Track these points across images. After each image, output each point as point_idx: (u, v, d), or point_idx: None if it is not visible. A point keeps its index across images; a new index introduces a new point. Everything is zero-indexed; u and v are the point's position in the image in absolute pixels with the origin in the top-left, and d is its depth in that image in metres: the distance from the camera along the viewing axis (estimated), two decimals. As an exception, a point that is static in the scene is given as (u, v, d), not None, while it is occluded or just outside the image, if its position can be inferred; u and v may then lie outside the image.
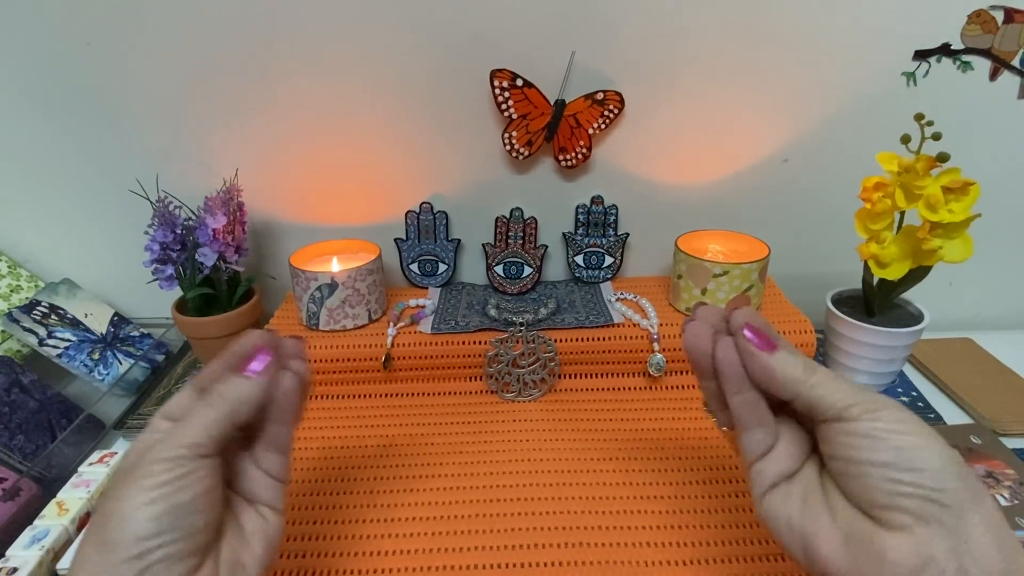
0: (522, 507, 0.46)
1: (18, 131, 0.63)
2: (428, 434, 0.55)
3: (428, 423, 0.56)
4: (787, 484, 0.31)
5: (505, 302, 0.65)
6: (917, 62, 0.60)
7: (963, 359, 0.65)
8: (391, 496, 0.47)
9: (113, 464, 0.51)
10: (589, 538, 0.43)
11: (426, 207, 0.66)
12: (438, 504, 0.46)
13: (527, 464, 0.50)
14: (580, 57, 0.59)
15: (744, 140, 0.64)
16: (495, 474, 0.49)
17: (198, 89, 0.61)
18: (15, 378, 0.56)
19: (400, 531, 0.44)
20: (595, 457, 0.51)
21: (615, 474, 0.49)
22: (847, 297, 0.63)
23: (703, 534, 0.43)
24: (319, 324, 0.60)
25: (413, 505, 0.46)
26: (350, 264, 0.59)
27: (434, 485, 0.48)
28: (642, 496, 0.46)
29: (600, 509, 0.45)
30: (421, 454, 0.52)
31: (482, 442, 0.53)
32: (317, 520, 0.45)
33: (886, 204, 0.52)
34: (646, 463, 0.50)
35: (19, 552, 0.42)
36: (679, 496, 0.46)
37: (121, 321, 0.69)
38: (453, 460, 0.51)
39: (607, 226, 0.67)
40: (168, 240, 0.58)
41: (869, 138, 0.58)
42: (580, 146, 0.63)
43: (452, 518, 0.45)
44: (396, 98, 0.62)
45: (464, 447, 0.53)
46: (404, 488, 0.48)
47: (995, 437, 0.53)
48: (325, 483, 0.49)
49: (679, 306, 0.62)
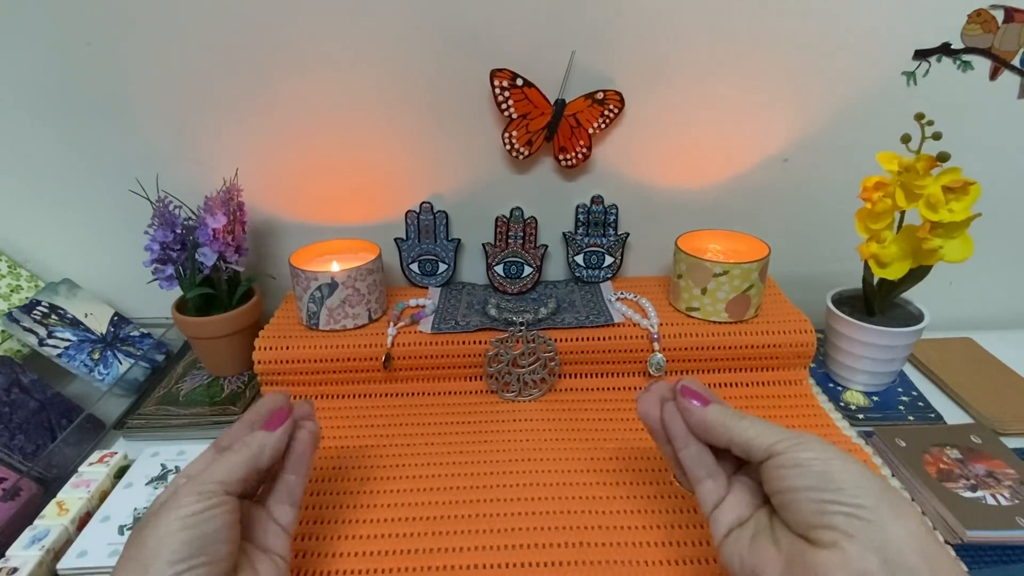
0: (522, 507, 0.46)
1: (18, 131, 0.63)
2: (428, 434, 0.55)
3: (428, 423, 0.56)
4: (740, 529, 0.34)
5: (505, 302, 0.65)
6: (917, 62, 0.60)
7: (963, 359, 0.65)
8: (391, 496, 0.47)
9: (113, 463, 0.51)
10: (589, 538, 0.43)
11: (426, 207, 0.66)
12: (438, 504, 0.46)
13: (527, 464, 0.50)
14: (580, 57, 0.59)
15: (744, 140, 0.64)
16: (495, 474, 0.49)
17: (198, 89, 0.61)
18: (15, 378, 0.56)
19: (400, 531, 0.44)
20: (595, 457, 0.51)
21: (615, 474, 0.49)
22: (847, 297, 0.63)
23: (703, 534, 0.43)
24: (319, 324, 0.60)
25: (413, 505, 0.46)
26: (350, 264, 0.59)
27: (434, 485, 0.48)
28: (642, 496, 0.46)
29: (600, 509, 0.45)
30: (421, 454, 0.52)
31: (482, 442, 0.53)
32: (317, 520, 0.45)
33: (886, 204, 0.52)
34: (646, 463, 0.50)
35: (19, 552, 0.42)
36: (679, 496, 0.46)
37: (121, 321, 0.69)
38: (453, 460, 0.51)
39: (607, 226, 0.67)
40: (168, 240, 0.58)
41: (869, 138, 0.58)
42: (580, 146, 0.63)
43: (452, 518, 0.45)
44: (396, 98, 0.62)
45: (464, 447, 0.53)
46: (404, 488, 0.48)
47: (995, 437, 0.53)
48: (325, 483, 0.49)
49: (679, 306, 0.62)
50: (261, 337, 0.59)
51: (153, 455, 0.52)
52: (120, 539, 0.44)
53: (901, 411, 0.58)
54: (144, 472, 0.50)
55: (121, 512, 0.46)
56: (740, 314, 0.60)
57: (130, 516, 0.46)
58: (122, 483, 0.49)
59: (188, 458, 0.52)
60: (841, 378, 0.62)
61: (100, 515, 0.46)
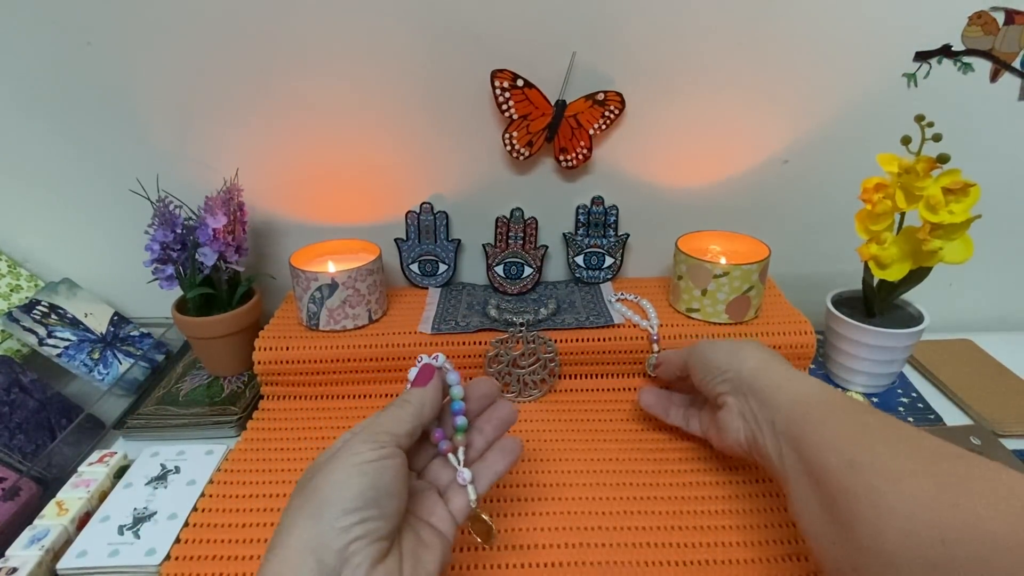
0: (522, 507, 0.46)
1: (18, 130, 0.63)
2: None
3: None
4: (708, 422, 0.49)
5: (505, 302, 0.65)
6: (918, 63, 0.60)
7: (963, 360, 0.65)
8: (391, 496, 0.47)
9: (113, 463, 0.51)
10: (589, 538, 0.43)
11: (426, 207, 0.66)
12: (438, 504, 0.46)
13: (527, 464, 0.50)
14: (581, 57, 0.59)
15: (745, 141, 0.64)
16: (495, 474, 0.49)
17: (199, 89, 0.61)
18: (15, 378, 0.56)
19: (400, 531, 0.44)
20: (595, 457, 0.51)
21: (615, 474, 0.49)
22: (847, 298, 0.63)
23: (703, 534, 0.43)
24: (319, 324, 0.60)
25: (413, 505, 0.46)
26: (350, 264, 0.59)
27: (434, 485, 0.48)
28: (642, 496, 0.47)
29: (600, 509, 0.45)
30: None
31: (482, 442, 0.53)
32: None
33: (886, 205, 0.52)
34: (646, 463, 0.50)
35: (19, 552, 0.42)
36: (679, 496, 0.46)
37: (121, 321, 0.69)
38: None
39: (607, 227, 0.67)
40: (168, 240, 0.58)
41: (869, 139, 0.58)
42: (581, 146, 0.63)
43: (452, 518, 0.45)
44: (397, 98, 0.62)
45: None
46: (404, 488, 0.48)
47: (995, 438, 0.53)
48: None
49: (679, 307, 0.62)
50: (261, 337, 0.59)
51: (153, 455, 0.52)
52: (120, 539, 0.44)
53: (901, 412, 0.58)
54: (144, 472, 0.50)
55: (121, 512, 0.46)
56: (740, 315, 0.60)
57: (130, 516, 0.46)
58: (122, 483, 0.49)
59: (188, 458, 0.52)
60: (841, 379, 0.62)
61: (100, 515, 0.46)
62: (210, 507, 0.47)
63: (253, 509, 0.47)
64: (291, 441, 0.54)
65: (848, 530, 0.32)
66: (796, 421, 0.38)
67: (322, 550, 0.29)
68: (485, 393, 0.41)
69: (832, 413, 0.37)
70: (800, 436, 0.37)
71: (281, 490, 0.48)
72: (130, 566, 0.42)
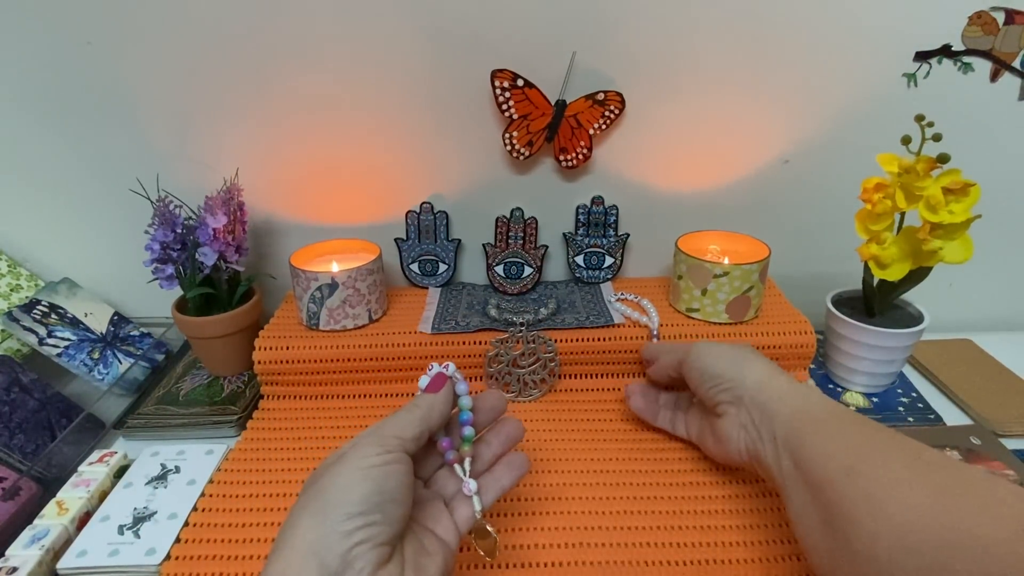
0: (522, 507, 0.46)
1: (18, 130, 0.63)
2: (428, 434, 0.55)
3: (428, 423, 0.56)
4: (699, 427, 0.50)
5: (505, 302, 0.65)
6: (918, 63, 0.60)
7: (963, 360, 0.65)
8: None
9: (113, 463, 0.51)
10: (589, 538, 0.43)
11: (426, 207, 0.66)
12: (438, 504, 0.46)
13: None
14: (581, 57, 0.59)
15: (745, 141, 0.64)
16: (495, 474, 0.49)
17: (199, 88, 0.61)
18: (15, 377, 0.56)
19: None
20: (595, 457, 0.51)
21: (615, 474, 0.49)
22: (847, 298, 0.63)
23: (703, 534, 0.43)
24: (319, 324, 0.60)
25: (413, 505, 0.46)
26: (350, 264, 0.59)
27: (434, 485, 0.48)
28: (642, 496, 0.47)
29: (600, 509, 0.45)
30: (421, 454, 0.52)
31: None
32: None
33: (886, 205, 0.52)
34: (646, 463, 0.50)
35: (19, 551, 0.42)
36: (679, 496, 0.46)
37: (121, 320, 0.69)
38: (453, 460, 0.51)
39: (607, 226, 0.67)
40: (168, 240, 0.58)
41: (870, 139, 0.58)
42: (581, 146, 0.63)
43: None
44: (397, 98, 0.62)
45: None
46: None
47: (995, 438, 0.53)
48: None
49: (679, 307, 0.62)
50: (261, 337, 0.59)
51: (153, 455, 0.52)
52: (120, 539, 0.44)
53: (901, 412, 0.58)
54: (144, 472, 0.50)
55: (121, 512, 0.46)
56: (740, 315, 0.60)
57: (130, 516, 0.46)
58: (122, 483, 0.49)
59: (188, 458, 0.52)
60: (841, 379, 0.62)
61: (100, 515, 0.46)
62: (210, 507, 0.47)
63: (253, 509, 0.47)
64: (291, 441, 0.54)
65: (845, 538, 0.32)
66: (796, 431, 0.38)
67: (325, 553, 0.29)
68: (493, 406, 0.41)
69: (831, 424, 0.38)
70: (799, 446, 0.37)
71: (281, 490, 0.48)
72: (130, 566, 0.42)
